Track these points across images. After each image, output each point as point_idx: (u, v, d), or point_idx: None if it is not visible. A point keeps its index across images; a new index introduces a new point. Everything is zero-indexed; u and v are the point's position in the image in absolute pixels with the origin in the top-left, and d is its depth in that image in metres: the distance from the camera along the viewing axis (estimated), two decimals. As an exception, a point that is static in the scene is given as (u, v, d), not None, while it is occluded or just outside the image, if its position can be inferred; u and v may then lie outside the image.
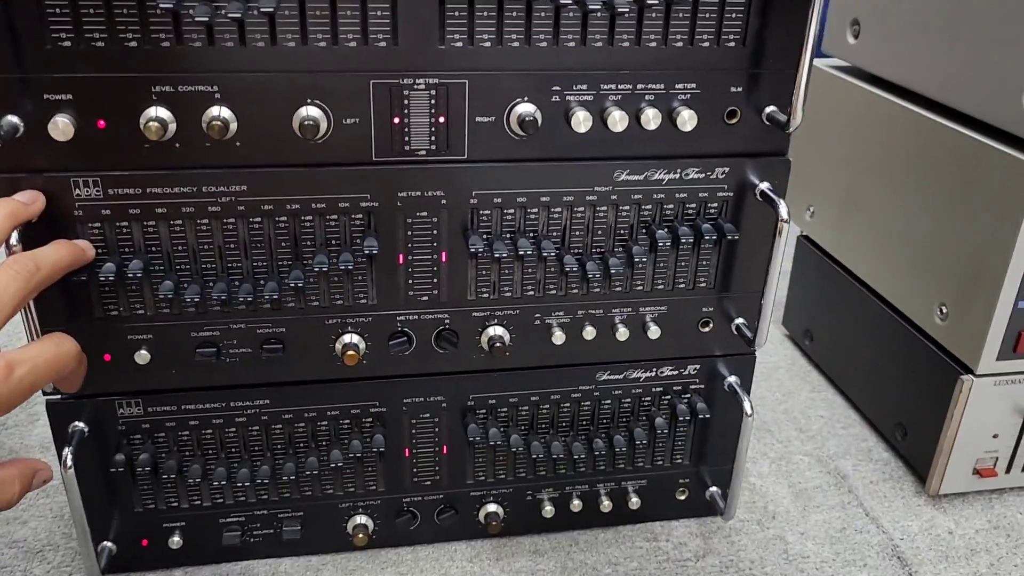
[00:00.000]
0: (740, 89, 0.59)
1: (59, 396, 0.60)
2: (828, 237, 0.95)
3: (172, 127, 0.53)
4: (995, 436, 0.76)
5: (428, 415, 0.66)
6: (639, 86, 0.57)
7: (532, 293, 0.62)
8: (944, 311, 0.76)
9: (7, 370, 0.46)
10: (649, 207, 0.61)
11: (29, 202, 0.52)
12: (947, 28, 0.75)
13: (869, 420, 0.90)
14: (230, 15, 0.50)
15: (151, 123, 0.52)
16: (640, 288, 0.64)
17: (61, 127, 0.51)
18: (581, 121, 0.57)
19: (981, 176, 0.71)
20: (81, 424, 0.60)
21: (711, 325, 0.66)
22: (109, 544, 0.65)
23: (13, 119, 0.51)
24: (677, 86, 0.58)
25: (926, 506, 0.78)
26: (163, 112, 0.52)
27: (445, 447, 0.67)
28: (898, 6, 0.81)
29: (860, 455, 0.85)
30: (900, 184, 0.82)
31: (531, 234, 0.60)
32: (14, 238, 0.51)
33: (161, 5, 0.49)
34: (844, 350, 0.93)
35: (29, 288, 0.49)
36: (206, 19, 0.49)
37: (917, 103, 0.80)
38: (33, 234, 0.53)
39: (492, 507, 0.70)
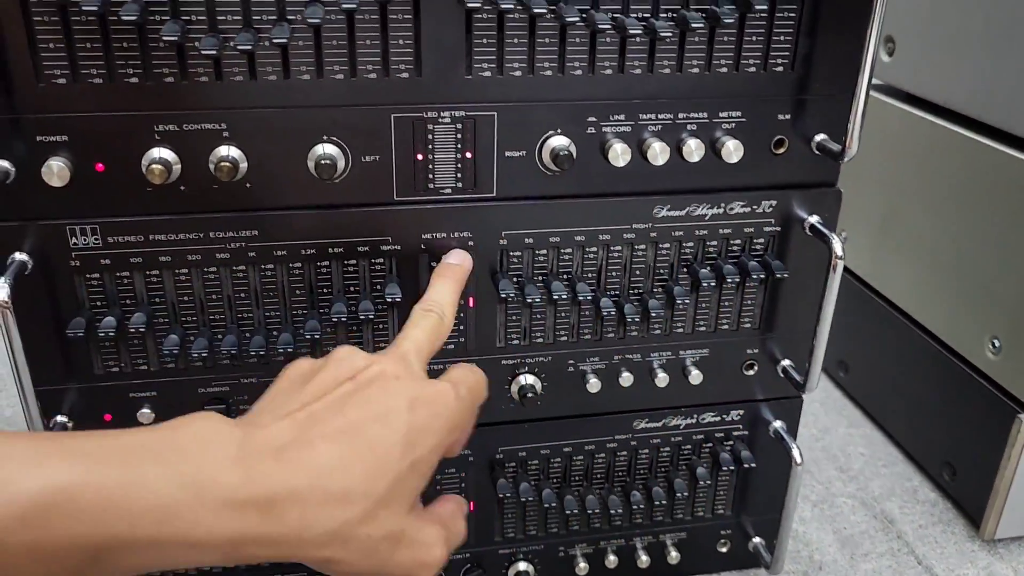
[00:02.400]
0: (788, 117, 0.55)
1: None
2: (863, 263, 0.91)
3: (177, 169, 0.48)
4: (1054, 477, 0.72)
5: (454, 470, 0.61)
6: (680, 115, 0.53)
7: (565, 339, 0.58)
8: (996, 344, 0.72)
9: (454, 390, 0.45)
10: (691, 244, 0.57)
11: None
12: (991, 43, 0.70)
13: (913, 458, 0.85)
14: (239, 47, 0.45)
15: (154, 165, 0.47)
16: (680, 330, 0.59)
17: (56, 171, 0.47)
18: (619, 154, 0.52)
19: (1037, 202, 0.67)
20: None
21: (756, 368, 0.62)
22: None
23: (4, 163, 0.47)
24: (721, 115, 0.54)
25: (981, 552, 0.74)
26: (167, 153, 0.48)
27: (472, 503, 0.62)
28: (936, 22, 0.77)
29: (906, 496, 0.80)
30: (942, 208, 0.78)
31: (565, 276, 0.56)
32: (4, 294, 0.47)
33: (164, 38, 0.45)
34: (883, 383, 0.89)
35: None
36: (213, 52, 0.45)
37: (958, 123, 0.76)
38: (27, 287, 0.49)
39: (523, 565, 0.65)
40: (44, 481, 0.34)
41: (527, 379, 0.58)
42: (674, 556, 0.67)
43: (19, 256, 0.49)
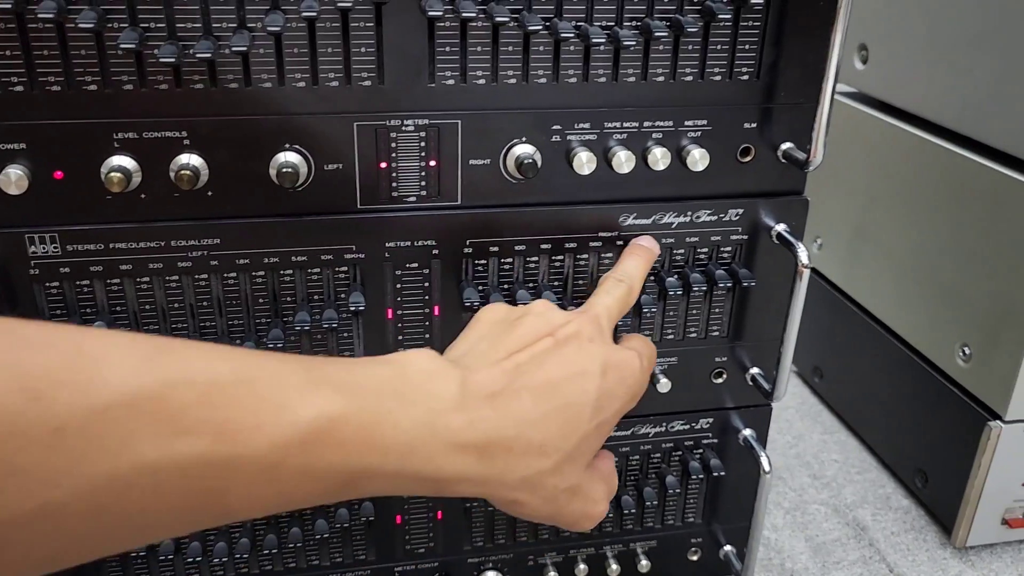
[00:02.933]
0: (754, 125, 0.55)
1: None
2: (837, 270, 0.91)
3: (137, 177, 0.48)
4: (1024, 484, 0.72)
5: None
6: (646, 124, 0.53)
7: (532, 347, 0.58)
8: (967, 352, 0.72)
9: (639, 360, 0.48)
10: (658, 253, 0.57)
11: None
12: (965, 53, 0.71)
13: (886, 464, 0.85)
14: (199, 55, 0.45)
15: (113, 173, 0.47)
16: (648, 338, 0.59)
17: (14, 179, 0.47)
18: (584, 162, 0.52)
19: (1004, 209, 0.67)
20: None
21: (724, 376, 0.62)
22: None
23: (-41, 171, 0.46)
24: (687, 123, 0.54)
25: (953, 559, 0.74)
26: (126, 161, 0.48)
27: (440, 512, 0.62)
28: (910, 30, 0.77)
29: (879, 503, 0.80)
30: (914, 216, 0.78)
31: (531, 284, 0.56)
32: (-39, 303, 0.46)
33: (122, 45, 0.44)
34: (857, 389, 0.89)
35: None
36: (172, 60, 0.45)
37: (931, 131, 0.76)
38: (-17, 296, 0.48)
39: (491, 574, 0.65)
40: (318, 410, 0.37)
41: (494, 388, 0.58)
42: (644, 564, 0.67)
43: (-24, 264, 0.48)
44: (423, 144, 0.51)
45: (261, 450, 0.35)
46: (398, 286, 0.54)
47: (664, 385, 0.60)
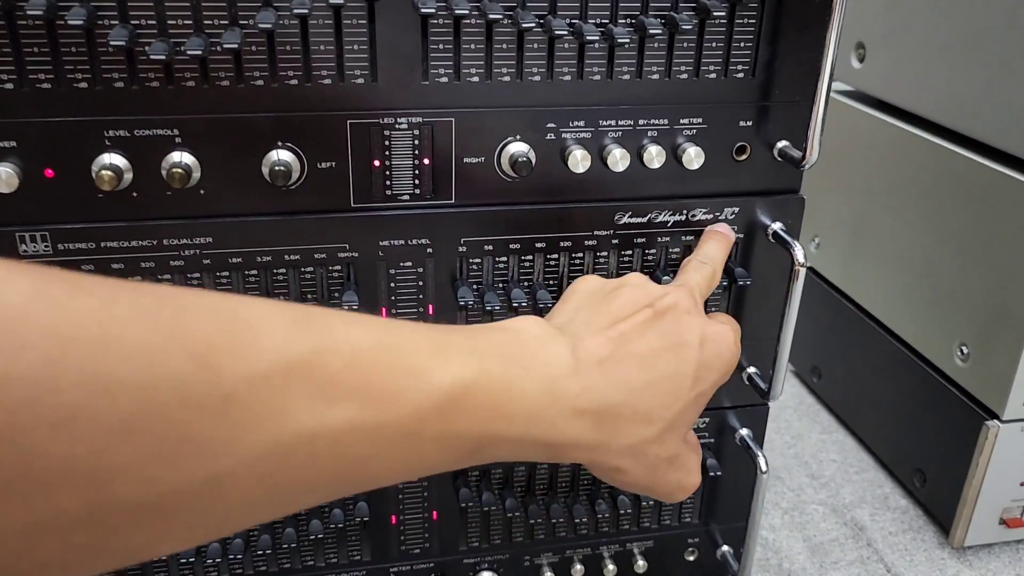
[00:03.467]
0: (750, 123, 0.54)
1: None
2: (835, 270, 0.90)
3: (128, 175, 0.48)
4: (1023, 484, 0.72)
5: (417, 479, 0.60)
6: (641, 122, 0.53)
7: (527, 346, 0.57)
8: (965, 351, 0.71)
9: (734, 334, 0.49)
10: (653, 251, 0.56)
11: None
12: (963, 51, 0.70)
13: (884, 464, 0.85)
14: (190, 52, 0.45)
15: (104, 171, 0.47)
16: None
17: (4, 178, 0.46)
18: (579, 161, 0.52)
19: (1001, 208, 0.67)
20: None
21: (721, 375, 0.61)
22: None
23: (-51, 170, 0.46)
24: (682, 121, 0.53)
25: (951, 559, 0.73)
26: (117, 159, 0.47)
27: (435, 512, 0.62)
28: (908, 28, 0.77)
29: (877, 503, 0.80)
30: (912, 215, 0.77)
31: (526, 283, 0.55)
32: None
33: (112, 42, 0.44)
34: (855, 389, 0.88)
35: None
36: (163, 57, 0.45)
37: (929, 130, 0.76)
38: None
39: (487, 575, 0.64)
40: (454, 376, 0.37)
41: (489, 387, 0.58)
42: (641, 565, 0.66)
43: (-33, 263, 0.48)
44: (417, 142, 0.51)
45: (404, 417, 0.36)
46: (392, 285, 0.54)
47: (660, 384, 0.60)
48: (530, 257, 0.55)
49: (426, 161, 0.51)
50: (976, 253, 0.70)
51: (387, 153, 0.51)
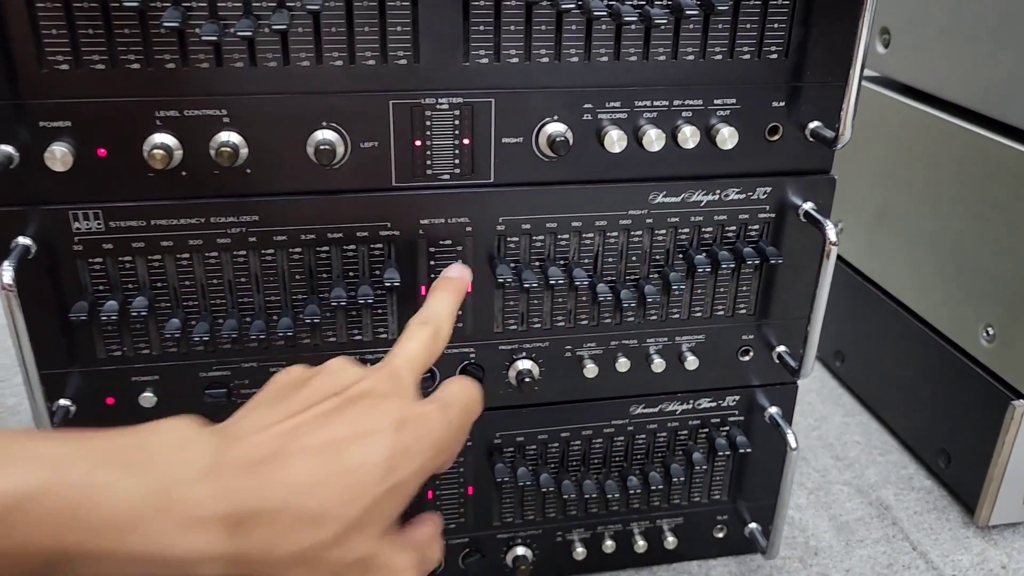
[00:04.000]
0: (782, 104, 0.55)
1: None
2: (859, 254, 0.91)
3: (178, 154, 0.49)
4: (1048, 463, 0.72)
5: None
6: (676, 102, 0.54)
7: (563, 324, 0.58)
8: (991, 333, 0.72)
9: (443, 413, 0.43)
10: (687, 231, 0.57)
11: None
12: (989, 34, 0.71)
13: (908, 446, 0.85)
14: (239, 33, 0.46)
15: (155, 150, 0.48)
16: (676, 316, 0.60)
17: (59, 156, 0.48)
18: (615, 141, 0.53)
19: (1030, 190, 0.67)
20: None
21: (751, 354, 0.62)
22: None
23: (7, 148, 0.47)
24: (716, 102, 0.54)
25: (976, 538, 0.74)
26: (168, 138, 0.49)
27: (471, 488, 0.63)
28: (933, 13, 0.78)
29: (901, 483, 0.81)
30: (938, 199, 0.78)
31: (561, 261, 0.57)
32: (8, 277, 0.47)
33: (165, 24, 0.45)
34: (879, 372, 0.89)
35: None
36: (214, 38, 0.46)
37: (954, 113, 0.77)
38: (29, 272, 0.49)
39: (520, 550, 0.66)
40: (6, 485, 0.34)
41: (525, 364, 0.59)
42: (671, 541, 0.68)
43: (22, 240, 0.49)
44: (457, 122, 0.52)
45: None
46: (432, 263, 0.55)
47: (692, 363, 0.61)
48: (566, 236, 0.56)
49: (466, 141, 0.52)
50: (1002, 234, 0.70)
51: (428, 133, 0.52)
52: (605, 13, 0.50)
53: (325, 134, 0.50)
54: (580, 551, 0.66)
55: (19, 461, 0.35)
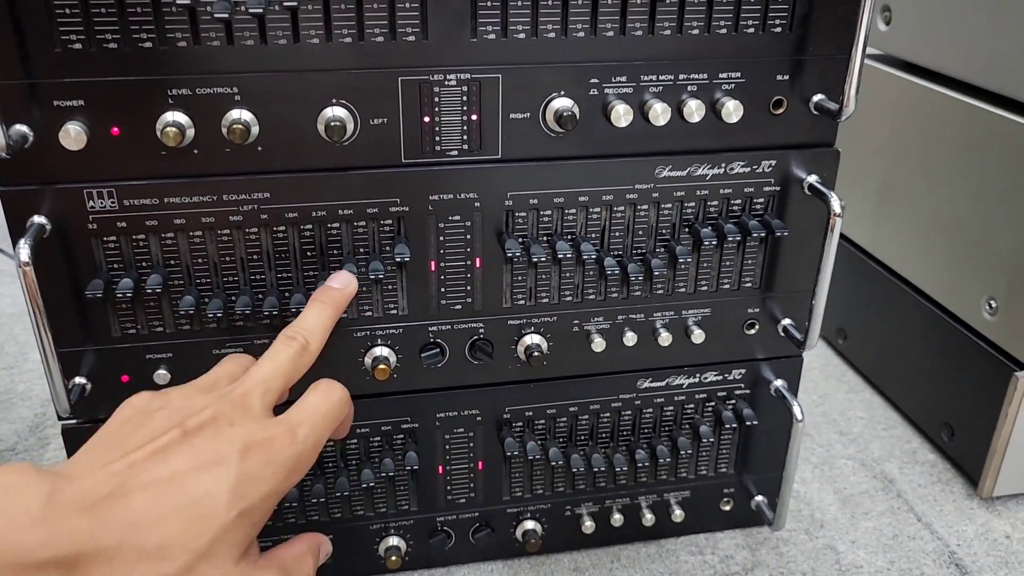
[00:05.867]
0: (786, 77, 0.56)
1: (74, 421, 0.56)
2: (861, 231, 0.92)
3: (190, 132, 0.50)
4: (1050, 434, 0.73)
5: (462, 430, 0.62)
6: (681, 76, 0.54)
7: (570, 299, 0.59)
8: (993, 305, 0.73)
9: (291, 434, 0.44)
10: (692, 204, 0.58)
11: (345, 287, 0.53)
12: (990, 9, 0.71)
13: (912, 420, 0.86)
14: (251, 11, 0.46)
15: (168, 128, 0.49)
16: (683, 290, 0.61)
17: (73, 135, 0.48)
18: (621, 115, 0.53)
19: (1032, 163, 0.68)
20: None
21: (757, 327, 0.63)
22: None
23: (22, 128, 0.48)
24: (721, 75, 0.55)
25: (980, 509, 0.75)
26: (180, 117, 0.49)
27: (480, 463, 0.64)
28: (933, -10, 0.78)
29: (905, 457, 0.82)
30: (941, 174, 0.79)
31: (569, 236, 0.57)
32: (25, 255, 0.48)
33: (177, 2, 0.46)
34: (882, 348, 0.90)
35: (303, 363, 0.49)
36: (225, 16, 0.46)
37: (957, 89, 0.77)
38: (45, 251, 0.50)
39: (530, 524, 0.67)
40: None
41: (533, 339, 0.60)
42: (678, 515, 0.68)
43: (38, 219, 0.50)
44: (465, 98, 0.52)
45: None
46: (441, 239, 0.55)
47: (698, 336, 0.62)
48: (573, 211, 0.57)
49: (474, 117, 0.53)
50: (1004, 208, 0.71)
51: (436, 109, 0.52)
52: (611, -12, 0.50)
53: (335, 111, 0.51)
54: (589, 525, 0.67)
55: None
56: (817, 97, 0.56)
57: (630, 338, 0.61)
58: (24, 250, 0.48)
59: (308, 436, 0.45)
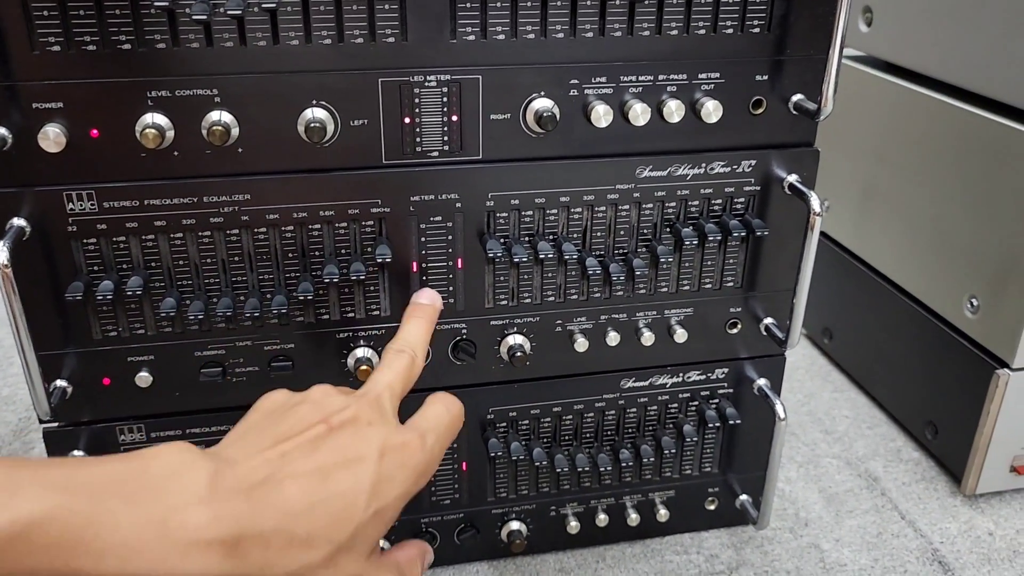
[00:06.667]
0: (765, 77, 0.56)
1: (55, 425, 0.56)
2: (845, 231, 0.92)
3: (170, 134, 0.50)
4: (1032, 432, 0.74)
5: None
6: (661, 77, 0.55)
7: (553, 299, 0.59)
8: (975, 304, 0.73)
9: (421, 440, 0.45)
10: (673, 204, 0.58)
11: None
12: (970, 10, 0.72)
13: (896, 419, 0.87)
14: (229, 12, 0.47)
15: (148, 130, 0.49)
16: (665, 290, 0.61)
17: (52, 137, 0.48)
18: (601, 115, 0.54)
19: (1010, 161, 0.68)
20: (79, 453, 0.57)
21: (739, 326, 0.63)
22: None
23: (1, 130, 0.48)
24: (700, 76, 0.55)
25: (963, 507, 0.75)
26: (160, 118, 0.49)
27: (464, 463, 0.64)
28: (914, -9, 0.79)
29: (890, 455, 0.82)
30: (923, 174, 0.79)
31: (551, 236, 0.57)
32: (4, 258, 0.48)
33: (156, 4, 0.46)
34: (866, 348, 0.90)
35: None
36: (204, 17, 0.46)
37: (938, 90, 0.78)
38: (25, 253, 0.50)
39: (515, 524, 0.67)
40: (15, 513, 0.35)
41: (516, 339, 0.60)
42: (663, 514, 0.69)
43: (17, 222, 0.50)
44: (445, 99, 0.53)
45: None
46: (423, 239, 0.56)
47: (681, 335, 0.62)
48: (555, 211, 0.57)
49: (454, 118, 0.53)
50: (985, 207, 0.72)
51: (417, 110, 0.53)
52: (589, -12, 0.50)
53: (315, 112, 0.51)
54: (574, 525, 0.67)
55: (26, 489, 0.36)
56: (796, 97, 0.57)
57: (613, 338, 0.61)
58: (3, 253, 0.48)
59: (435, 444, 0.46)
